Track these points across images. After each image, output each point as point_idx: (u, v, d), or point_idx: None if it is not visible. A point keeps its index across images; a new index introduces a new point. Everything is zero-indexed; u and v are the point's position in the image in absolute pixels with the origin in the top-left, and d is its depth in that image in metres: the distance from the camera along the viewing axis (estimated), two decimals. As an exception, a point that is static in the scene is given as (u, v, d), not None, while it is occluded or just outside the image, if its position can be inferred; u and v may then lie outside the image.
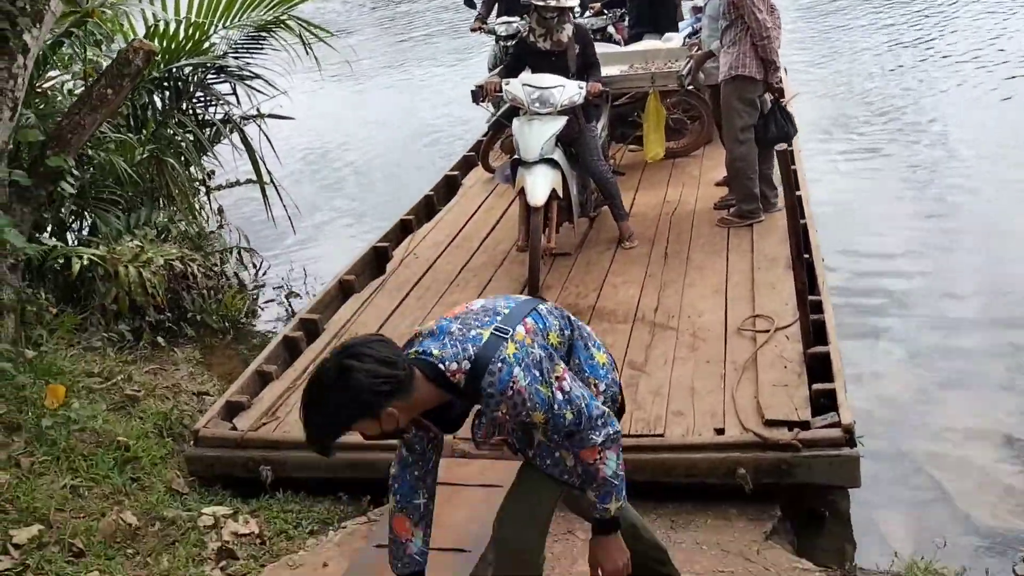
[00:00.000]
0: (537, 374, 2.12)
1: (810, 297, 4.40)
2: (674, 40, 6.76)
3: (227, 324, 6.16)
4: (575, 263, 5.42)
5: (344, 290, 5.40)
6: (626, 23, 7.90)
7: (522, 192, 5.01)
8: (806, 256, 4.86)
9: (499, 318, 2.19)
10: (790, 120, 5.33)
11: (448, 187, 7.21)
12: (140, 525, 3.43)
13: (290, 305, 6.59)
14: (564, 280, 5.21)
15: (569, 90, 5.12)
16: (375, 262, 5.86)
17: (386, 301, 5.16)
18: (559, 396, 2.14)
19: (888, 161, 7.82)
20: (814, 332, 4.06)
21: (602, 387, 2.38)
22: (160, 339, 5.47)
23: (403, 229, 6.34)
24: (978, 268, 5.68)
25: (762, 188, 5.53)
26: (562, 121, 5.08)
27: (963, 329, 5.00)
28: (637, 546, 2.50)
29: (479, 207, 6.57)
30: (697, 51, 5.95)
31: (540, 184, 4.94)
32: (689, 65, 5.92)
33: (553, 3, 5.20)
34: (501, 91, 5.40)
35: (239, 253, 6.95)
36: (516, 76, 5.34)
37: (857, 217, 6.66)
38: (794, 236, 4.63)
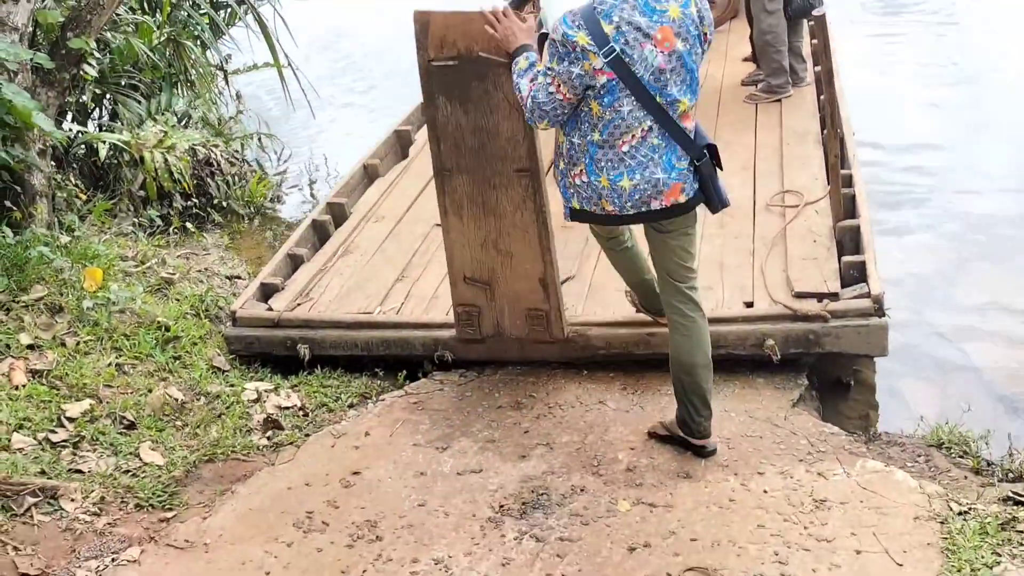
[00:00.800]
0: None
1: (841, 171, 4.38)
2: None
3: (252, 210, 6.21)
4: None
5: (369, 174, 5.38)
6: None
7: None
8: (836, 130, 4.81)
9: None
10: None
11: (469, 69, 7.05)
12: (186, 400, 3.56)
13: (312, 191, 6.62)
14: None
15: None
16: (397, 145, 5.81)
17: (411, 185, 5.15)
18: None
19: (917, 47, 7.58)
20: (845, 206, 4.04)
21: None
22: (189, 224, 5.53)
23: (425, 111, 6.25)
24: (1004, 153, 5.59)
25: (791, 61, 5.39)
26: None
27: (987, 209, 4.98)
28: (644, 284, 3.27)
29: (502, 89, 6.45)
30: None
31: None
32: None
33: None
34: None
35: (259, 139, 6.93)
36: None
37: (886, 98, 6.52)
38: (823, 110, 4.56)
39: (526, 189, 3.30)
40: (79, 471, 3.06)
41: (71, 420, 3.29)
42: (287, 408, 3.52)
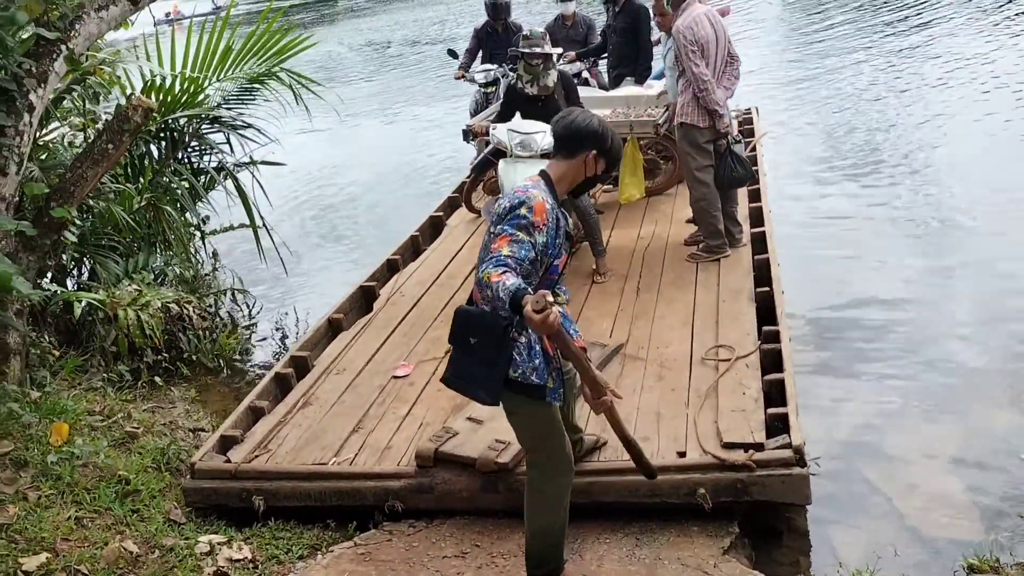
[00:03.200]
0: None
1: (769, 328, 4.72)
2: (655, 87, 7.14)
3: (221, 363, 6.43)
4: (553, 297, 5.71)
5: (333, 328, 5.67)
6: (600, 67, 8.31)
7: None
8: (767, 289, 5.19)
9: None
10: (742, 164, 5.66)
11: (433, 227, 7.51)
12: (141, 553, 3.66)
13: (282, 343, 6.87)
14: (542, 314, 5.48)
15: (550, 136, 5.46)
16: (362, 300, 6.13)
17: (373, 338, 5.43)
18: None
19: (860, 194, 8.13)
20: (772, 360, 4.33)
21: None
22: (157, 378, 5.73)
23: (389, 268, 6.62)
24: (934, 302, 5.97)
25: (727, 225, 5.83)
26: (544, 165, 5.41)
27: (914, 359, 5.29)
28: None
29: (463, 246, 6.86)
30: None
31: None
32: (666, 114, 6.28)
33: (538, 50, 5.60)
34: (489, 134, 5.78)
35: (233, 294, 7.25)
36: (508, 121, 5.71)
37: (825, 249, 6.98)
38: (756, 270, 4.94)
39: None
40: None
41: (27, 574, 3.38)
42: (238, 561, 3.63)
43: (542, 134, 5.47)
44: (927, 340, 5.47)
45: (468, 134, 7.10)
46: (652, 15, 7.23)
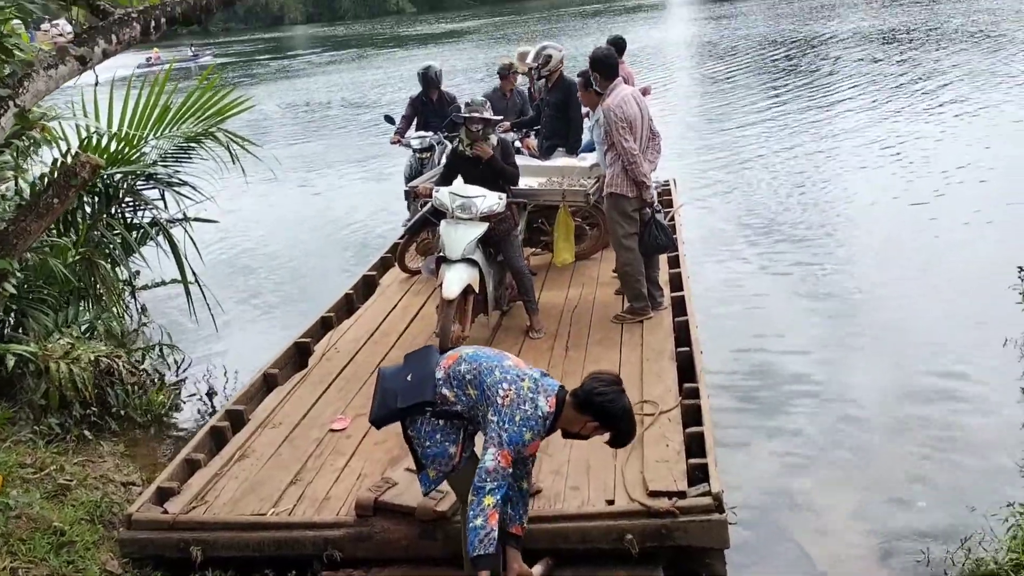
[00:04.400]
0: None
1: (690, 384, 5.03)
2: (588, 159, 7.57)
3: (150, 418, 6.39)
4: (486, 353, 5.93)
5: (268, 383, 5.75)
6: (533, 137, 8.72)
7: (442, 285, 5.59)
8: (687, 349, 5.53)
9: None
10: (664, 232, 6.07)
11: (367, 286, 7.68)
12: (77, 603, 3.66)
13: (211, 401, 6.86)
14: (475, 370, 5.69)
15: (489, 200, 5.79)
16: (297, 356, 6.23)
17: (308, 393, 5.54)
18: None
19: (772, 261, 8.66)
20: (692, 414, 4.63)
21: None
22: (87, 432, 5.68)
23: (324, 325, 6.75)
24: (839, 360, 6.43)
25: (650, 289, 6.19)
26: (483, 227, 5.74)
27: (822, 413, 5.68)
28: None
29: (396, 305, 7.05)
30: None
31: (455, 280, 5.59)
32: (597, 185, 6.66)
33: (477, 115, 5.92)
34: (431, 195, 6.04)
35: (161, 349, 7.23)
36: (450, 184, 5.99)
37: (741, 312, 7.41)
38: (677, 331, 5.27)
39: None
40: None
41: (-40, 625, 3.36)
42: (178, 609, 3.66)
43: (482, 198, 5.77)
44: (834, 396, 5.88)
45: (410, 195, 7.36)
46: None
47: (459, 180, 6.02)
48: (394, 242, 8.48)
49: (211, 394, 6.94)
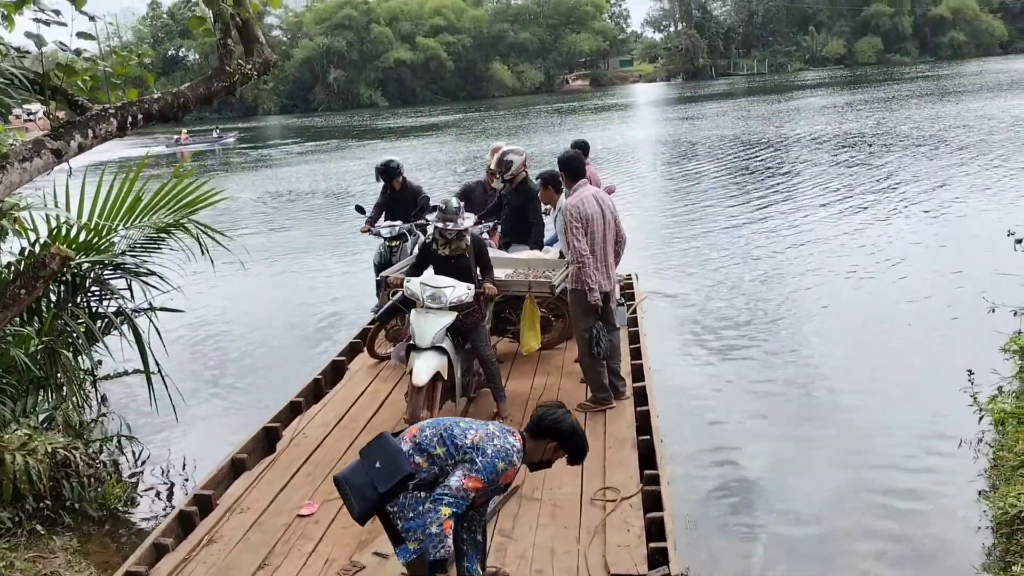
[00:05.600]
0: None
1: (650, 471, 5.10)
2: (552, 251, 7.76)
3: (105, 513, 6.24)
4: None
5: (236, 468, 5.72)
6: (499, 231, 8.90)
7: (411, 372, 5.66)
8: (648, 437, 5.61)
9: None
10: (608, 340, 6.17)
11: (335, 371, 7.69)
12: None
13: (169, 494, 6.72)
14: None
15: (458, 290, 5.93)
16: (266, 441, 6.20)
17: (278, 477, 5.50)
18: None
19: (732, 354, 8.82)
20: (652, 500, 4.68)
21: None
22: (39, 527, 5.54)
23: (292, 410, 6.74)
24: (793, 456, 6.50)
25: (611, 379, 6.30)
26: (452, 316, 5.86)
27: (777, 504, 5.74)
28: None
29: (365, 390, 7.07)
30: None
31: (425, 367, 5.70)
32: (563, 276, 6.83)
33: (451, 227, 6.06)
34: (402, 284, 6.15)
35: (119, 441, 7.12)
36: (420, 274, 6.12)
37: (702, 401, 7.52)
38: (638, 420, 5.35)
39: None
40: None
41: None
42: None
43: (451, 288, 5.92)
44: (788, 489, 5.95)
45: (382, 284, 7.48)
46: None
47: (430, 271, 6.14)
48: (363, 328, 8.54)
49: (169, 487, 6.82)
